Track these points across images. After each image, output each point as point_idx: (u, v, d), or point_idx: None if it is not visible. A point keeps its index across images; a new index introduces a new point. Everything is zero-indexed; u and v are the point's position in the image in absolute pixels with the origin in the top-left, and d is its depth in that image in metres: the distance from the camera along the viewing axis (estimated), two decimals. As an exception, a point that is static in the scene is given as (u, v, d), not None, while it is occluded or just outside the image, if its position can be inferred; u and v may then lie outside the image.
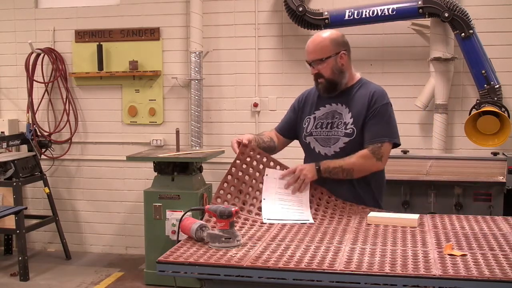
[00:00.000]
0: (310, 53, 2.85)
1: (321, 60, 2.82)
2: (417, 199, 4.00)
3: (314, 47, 2.84)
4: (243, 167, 2.76)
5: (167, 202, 4.73)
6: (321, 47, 2.82)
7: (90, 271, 5.23)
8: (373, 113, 2.80)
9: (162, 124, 5.55)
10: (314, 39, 2.86)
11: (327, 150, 2.87)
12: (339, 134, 2.85)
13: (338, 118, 2.87)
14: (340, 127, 2.85)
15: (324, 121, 2.91)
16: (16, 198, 5.12)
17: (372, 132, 2.79)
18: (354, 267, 1.97)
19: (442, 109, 4.77)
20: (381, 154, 2.78)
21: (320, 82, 2.87)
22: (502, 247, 2.20)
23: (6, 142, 5.42)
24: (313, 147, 2.92)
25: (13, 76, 5.84)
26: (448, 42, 4.69)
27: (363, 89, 2.89)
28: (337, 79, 2.85)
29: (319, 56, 2.82)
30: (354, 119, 2.83)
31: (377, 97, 2.83)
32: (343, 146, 2.83)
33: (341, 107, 2.88)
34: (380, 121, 2.80)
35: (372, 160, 2.78)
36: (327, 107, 2.92)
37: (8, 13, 5.79)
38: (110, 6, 5.61)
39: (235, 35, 5.34)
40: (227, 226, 2.24)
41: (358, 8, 4.69)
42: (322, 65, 2.82)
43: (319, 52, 2.82)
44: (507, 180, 3.90)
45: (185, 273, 2.08)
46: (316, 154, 2.90)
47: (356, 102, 2.85)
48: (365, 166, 2.79)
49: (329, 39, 2.84)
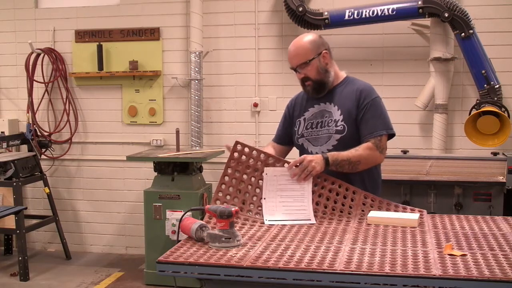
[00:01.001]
0: (293, 59, 2.88)
1: (305, 63, 2.85)
2: (417, 199, 4.00)
3: (296, 52, 2.87)
4: (239, 166, 2.76)
5: (167, 202, 4.73)
6: (303, 50, 2.85)
7: (90, 271, 5.23)
8: (365, 109, 2.83)
9: (162, 124, 5.56)
10: (294, 45, 2.89)
11: (318, 149, 2.89)
12: (330, 131, 2.87)
13: (328, 116, 2.90)
14: (331, 124, 2.87)
15: (314, 121, 2.94)
16: (16, 198, 5.12)
17: (369, 127, 2.82)
18: (354, 267, 1.97)
19: (442, 109, 4.78)
20: (382, 147, 2.83)
21: (308, 84, 2.90)
22: (502, 247, 2.20)
23: (6, 142, 5.43)
24: (307, 148, 2.95)
25: (13, 76, 5.84)
26: (448, 42, 4.69)
27: (349, 86, 2.93)
28: (323, 78, 2.89)
29: (303, 60, 2.85)
30: (344, 116, 2.85)
31: (366, 93, 2.87)
32: (336, 143, 2.85)
33: (329, 106, 2.91)
34: (374, 115, 2.83)
35: (376, 153, 2.81)
36: (316, 107, 2.95)
37: (8, 13, 5.79)
38: (110, 6, 5.61)
39: (235, 35, 5.34)
40: (227, 226, 2.24)
41: (358, 8, 4.69)
42: (307, 68, 2.85)
43: (302, 56, 2.85)
44: (507, 180, 3.89)
45: (185, 273, 2.08)
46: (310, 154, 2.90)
47: (344, 99, 2.88)
48: (371, 158, 2.81)
49: (308, 42, 2.87)
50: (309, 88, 2.91)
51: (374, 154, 2.81)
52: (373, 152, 2.80)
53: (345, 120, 2.84)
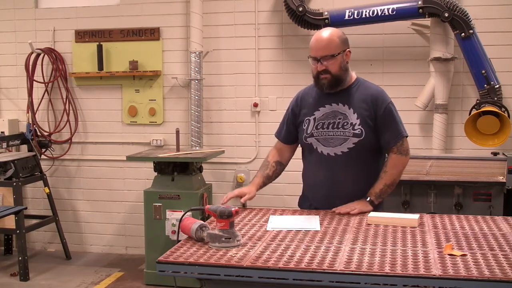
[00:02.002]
0: (320, 49, 2.84)
1: (332, 56, 2.83)
2: (417, 199, 4.00)
3: (326, 43, 2.84)
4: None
5: (167, 202, 4.73)
6: (333, 43, 2.84)
7: (90, 271, 5.23)
8: (384, 115, 2.89)
9: (162, 124, 5.55)
10: (323, 36, 2.86)
11: (330, 150, 2.89)
12: (347, 134, 2.87)
13: (343, 118, 2.89)
14: (347, 127, 2.87)
15: (325, 121, 2.92)
16: (16, 198, 5.11)
17: (391, 132, 2.90)
18: (354, 267, 1.97)
19: (442, 109, 4.77)
20: (405, 149, 2.94)
21: (325, 77, 2.86)
22: (502, 247, 2.21)
23: (6, 142, 5.42)
24: (316, 148, 2.93)
25: (13, 76, 5.83)
26: (448, 42, 4.69)
27: (362, 89, 2.94)
28: (342, 75, 2.89)
29: (330, 52, 2.83)
30: (360, 120, 2.86)
31: (381, 99, 2.91)
32: (352, 147, 2.86)
33: (343, 107, 2.90)
34: (393, 120, 2.91)
35: (402, 159, 2.93)
36: (327, 107, 2.93)
37: (8, 13, 5.79)
38: (110, 6, 5.60)
39: (235, 35, 5.33)
40: (227, 226, 2.24)
41: (358, 8, 4.69)
42: (331, 61, 2.83)
43: (330, 49, 2.83)
44: (507, 180, 3.89)
45: (185, 273, 2.08)
46: (319, 154, 2.92)
47: (360, 103, 2.89)
48: (400, 169, 2.95)
49: (338, 36, 2.87)
50: (325, 81, 2.86)
51: (400, 164, 2.93)
52: (399, 163, 2.92)
53: (362, 125, 2.86)
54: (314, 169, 2.99)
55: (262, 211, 2.88)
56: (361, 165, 2.91)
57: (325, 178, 2.92)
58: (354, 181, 2.91)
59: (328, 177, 2.91)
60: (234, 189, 5.35)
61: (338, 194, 2.90)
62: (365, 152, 2.89)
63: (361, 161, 2.90)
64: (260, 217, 2.74)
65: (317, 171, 2.96)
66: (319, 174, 2.95)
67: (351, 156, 2.87)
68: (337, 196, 2.90)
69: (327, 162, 2.90)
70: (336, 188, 2.90)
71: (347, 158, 2.87)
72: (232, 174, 5.42)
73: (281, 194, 5.22)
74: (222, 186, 5.43)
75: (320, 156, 2.91)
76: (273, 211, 2.87)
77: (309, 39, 2.92)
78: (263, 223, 2.63)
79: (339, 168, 2.89)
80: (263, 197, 5.31)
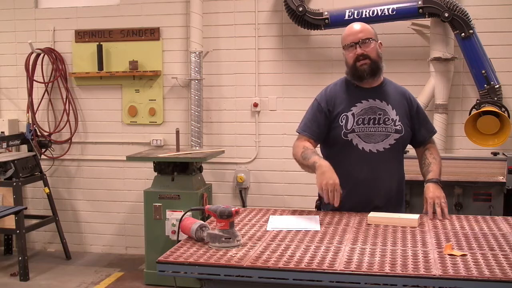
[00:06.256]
0: (359, 32, 2.85)
1: (371, 39, 2.84)
2: (417, 199, 4.00)
3: (363, 28, 2.87)
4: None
5: (167, 202, 4.73)
6: (369, 29, 2.89)
7: (90, 271, 5.23)
8: (417, 112, 2.99)
9: (162, 124, 5.55)
10: (358, 24, 2.91)
11: (371, 147, 2.84)
12: (389, 130, 2.86)
13: (382, 114, 2.86)
14: (389, 123, 2.86)
15: (365, 117, 2.85)
16: (16, 198, 5.11)
17: (426, 128, 3.04)
18: (354, 267, 1.97)
19: (442, 109, 4.77)
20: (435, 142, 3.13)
21: (365, 63, 2.82)
22: (502, 247, 2.21)
23: (6, 142, 5.42)
24: (356, 144, 2.84)
25: (13, 76, 5.83)
26: (448, 42, 4.69)
27: (392, 87, 3.00)
28: (379, 63, 2.88)
29: (369, 36, 2.85)
30: (400, 117, 2.89)
31: (412, 96, 3.04)
32: (394, 143, 2.87)
33: (380, 103, 2.89)
34: (425, 116, 3.07)
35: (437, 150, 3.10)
36: (364, 103, 2.88)
37: (8, 13, 5.79)
38: (110, 6, 5.60)
39: (235, 35, 5.33)
40: (227, 226, 2.24)
41: (358, 8, 4.69)
42: (370, 45, 2.83)
43: (368, 32, 2.86)
44: (507, 180, 3.90)
45: (185, 273, 2.08)
46: (360, 151, 2.84)
47: (395, 100, 2.93)
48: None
49: (370, 26, 2.92)
50: (365, 67, 2.82)
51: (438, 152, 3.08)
52: (437, 151, 3.08)
53: (401, 121, 2.89)
54: (353, 167, 2.84)
55: (262, 211, 2.89)
56: (397, 163, 2.96)
57: (366, 176, 2.83)
58: (392, 179, 2.91)
59: (369, 174, 2.82)
60: (234, 189, 5.40)
61: (378, 192, 2.85)
62: (402, 148, 2.97)
63: (398, 158, 2.94)
64: (260, 217, 2.74)
65: (357, 168, 2.84)
66: (360, 171, 2.83)
67: (391, 153, 2.86)
68: (377, 195, 2.84)
69: (369, 159, 2.83)
70: (377, 186, 2.84)
71: (387, 154, 2.84)
72: (232, 174, 5.42)
73: (281, 194, 5.22)
74: (222, 186, 5.44)
75: (361, 153, 2.83)
76: (273, 211, 2.87)
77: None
78: (263, 223, 2.63)
79: (381, 165, 2.84)
80: (263, 197, 5.33)
